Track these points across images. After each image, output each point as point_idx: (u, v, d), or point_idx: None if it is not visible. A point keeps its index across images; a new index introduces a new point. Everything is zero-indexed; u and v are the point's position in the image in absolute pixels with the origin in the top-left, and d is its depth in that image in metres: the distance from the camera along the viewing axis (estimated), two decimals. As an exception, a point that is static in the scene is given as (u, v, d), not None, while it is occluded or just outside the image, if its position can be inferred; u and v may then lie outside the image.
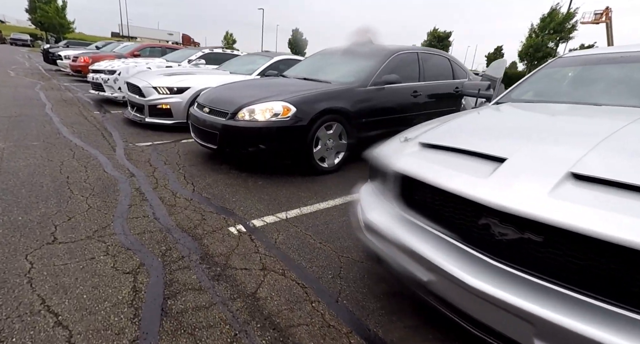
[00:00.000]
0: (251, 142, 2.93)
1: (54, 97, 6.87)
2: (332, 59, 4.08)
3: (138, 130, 4.71)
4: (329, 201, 2.65)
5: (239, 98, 3.11)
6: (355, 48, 3.95)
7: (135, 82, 4.88)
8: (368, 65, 3.55)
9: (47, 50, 15.71)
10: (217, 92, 3.45)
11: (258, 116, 2.89)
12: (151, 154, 3.62)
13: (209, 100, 3.33)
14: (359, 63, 3.71)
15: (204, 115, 3.21)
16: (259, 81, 3.84)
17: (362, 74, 3.46)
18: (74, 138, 4.00)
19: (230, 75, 5.29)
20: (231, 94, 3.31)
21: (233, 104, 3.03)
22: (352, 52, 3.92)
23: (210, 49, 7.59)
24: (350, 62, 3.80)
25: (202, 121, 3.20)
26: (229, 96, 3.25)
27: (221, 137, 3.01)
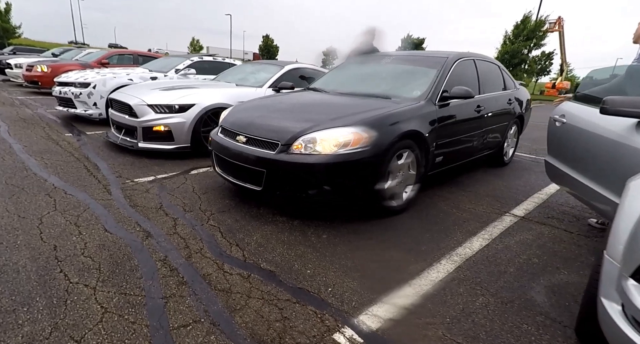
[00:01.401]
0: (313, 182, 2.21)
1: (9, 116, 5.65)
2: (375, 67, 3.44)
3: (129, 158, 3.79)
4: (436, 266, 1.91)
5: (289, 123, 2.38)
6: (404, 54, 3.37)
7: (123, 99, 3.96)
8: (428, 75, 2.95)
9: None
10: (250, 115, 2.68)
11: (321, 147, 2.18)
12: (160, 196, 2.77)
13: (241, 125, 2.56)
14: (414, 73, 3.10)
15: (238, 146, 2.44)
16: (294, 98, 3.11)
17: (425, 86, 2.86)
18: (48, 175, 3.04)
19: (237, 88, 4.51)
20: (273, 117, 2.56)
21: (283, 131, 2.30)
22: (401, 60, 3.32)
23: (200, 56, 6.71)
24: (402, 72, 3.19)
25: (235, 153, 2.43)
26: (272, 119, 2.50)
27: (270, 176, 2.26)
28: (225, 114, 2.96)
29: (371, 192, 2.35)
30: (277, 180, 2.26)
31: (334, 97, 2.99)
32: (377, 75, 3.31)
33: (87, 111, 5.35)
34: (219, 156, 2.66)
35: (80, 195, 2.67)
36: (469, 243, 2.17)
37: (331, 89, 3.28)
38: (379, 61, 3.47)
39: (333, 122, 2.30)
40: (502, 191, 3.30)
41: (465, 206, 2.86)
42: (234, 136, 2.55)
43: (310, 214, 2.56)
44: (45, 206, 2.41)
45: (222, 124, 2.77)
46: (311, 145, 2.19)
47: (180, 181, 3.18)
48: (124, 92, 4.13)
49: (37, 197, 2.56)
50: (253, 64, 5.65)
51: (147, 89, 4.10)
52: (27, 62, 10.10)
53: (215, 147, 2.72)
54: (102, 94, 5.33)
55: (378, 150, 2.27)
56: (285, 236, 2.20)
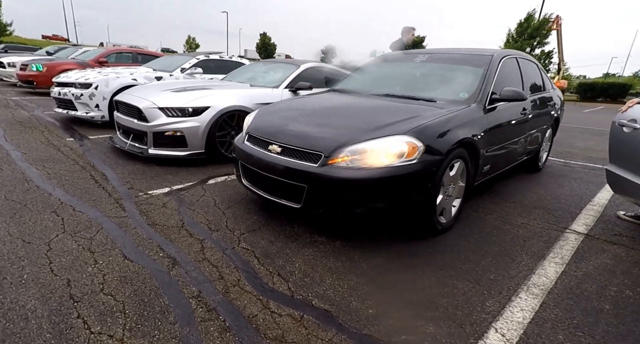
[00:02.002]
0: (362, 200, 1.94)
1: (4, 119, 5.31)
2: (409, 66, 3.16)
3: (139, 166, 3.48)
4: (517, 302, 1.63)
5: (330, 131, 2.09)
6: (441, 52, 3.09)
7: (131, 102, 3.65)
8: (474, 75, 2.68)
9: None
10: (282, 121, 2.39)
11: (371, 159, 1.90)
12: (180, 212, 2.48)
13: (273, 133, 2.27)
14: (456, 72, 2.82)
15: (271, 156, 2.16)
16: (326, 101, 2.80)
17: (472, 88, 2.59)
18: (53, 188, 2.74)
19: (252, 89, 4.21)
20: (309, 124, 2.27)
21: (326, 141, 2.01)
22: (439, 58, 3.04)
23: (206, 54, 6.38)
24: (442, 71, 2.90)
25: (269, 165, 2.14)
26: (309, 127, 2.21)
27: (311, 193, 1.98)
28: (250, 119, 2.66)
29: (425, 209, 2.08)
30: (320, 197, 1.98)
31: (370, 100, 2.71)
32: (413, 75, 3.03)
33: (89, 113, 5.02)
34: (247, 167, 2.37)
35: (90, 212, 2.37)
36: (542, 270, 1.91)
37: (362, 90, 3.00)
38: (412, 59, 3.19)
39: (381, 130, 2.02)
40: (549, 201, 3.05)
41: (517, 220, 2.60)
42: (265, 144, 2.26)
43: (349, 231, 2.29)
44: (53, 227, 2.12)
45: (249, 130, 2.48)
46: (359, 157, 1.91)
47: (199, 192, 2.89)
48: (131, 94, 3.82)
49: (42, 215, 2.26)
50: (265, 63, 5.34)
51: (157, 91, 3.79)
52: (20, 61, 9.68)
53: (241, 156, 2.43)
54: (105, 95, 5.00)
55: (434, 161, 2.00)
56: (330, 262, 1.93)
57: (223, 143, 3.77)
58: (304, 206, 2.03)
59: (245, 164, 2.39)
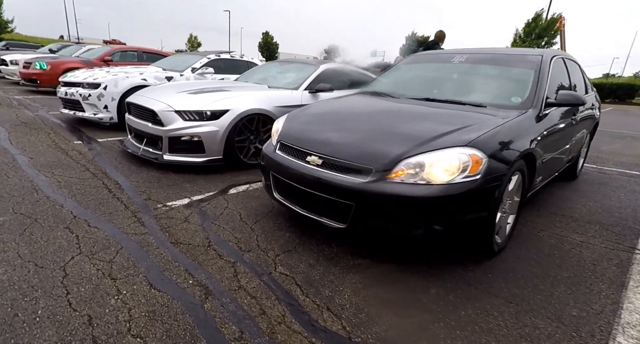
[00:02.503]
0: (421, 220, 1.71)
1: (8, 119, 5.08)
2: (446, 68, 2.91)
3: (154, 173, 3.26)
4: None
5: (379, 141, 1.85)
6: (480, 52, 2.85)
7: (145, 104, 3.42)
8: (525, 77, 2.43)
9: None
10: (321, 128, 2.15)
11: (431, 174, 1.67)
12: (204, 227, 2.26)
13: (311, 142, 2.04)
14: (503, 74, 2.56)
15: (310, 169, 1.93)
16: (363, 106, 2.54)
17: (525, 91, 2.35)
18: (64, 199, 2.51)
19: (271, 90, 3.98)
20: (353, 132, 2.02)
21: (377, 153, 1.77)
22: (480, 58, 2.79)
23: (217, 54, 6.15)
24: (487, 73, 2.65)
25: (307, 178, 1.91)
26: (353, 136, 1.97)
27: (360, 212, 1.75)
28: (280, 125, 2.43)
29: (485, 229, 1.86)
30: (371, 217, 1.75)
31: (412, 105, 2.47)
32: (453, 77, 2.80)
33: (97, 114, 4.80)
34: (280, 179, 2.14)
35: (107, 227, 2.15)
36: (629, 303, 1.67)
37: (398, 93, 2.76)
38: (449, 60, 2.96)
39: (438, 141, 1.78)
40: (601, 214, 2.82)
41: (574, 238, 2.37)
42: (303, 155, 2.03)
43: (393, 252, 2.06)
44: (67, 247, 1.89)
45: (281, 138, 2.25)
46: (417, 171, 1.68)
47: (221, 204, 2.66)
48: (145, 96, 3.59)
49: (54, 232, 2.04)
50: (281, 63, 5.11)
51: (173, 92, 3.56)
52: (23, 59, 9.47)
53: (273, 167, 2.20)
54: (114, 95, 4.77)
55: (497, 176, 1.77)
56: (383, 292, 1.70)
57: (242, 148, 3.54)
58: (350, 227, 1.80)
59: (278, 176, 2.16)
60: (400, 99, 2.62)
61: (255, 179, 3.30)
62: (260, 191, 3.01)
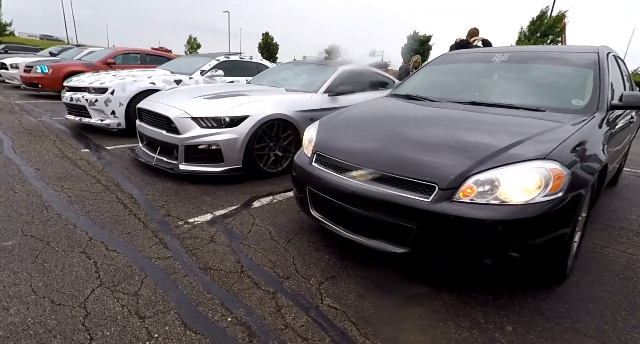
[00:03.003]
0: (495, 247, 1.49)
1: (10, 126, 4.87)
2: (486, 67, 2.67)
3: (169, 184, 3.04)
4: None
5: (438, 153, 1.63)
6: (524, 50, 2.64)
7: (159, 110, 3.20)
8: (583, 77, 2.21)
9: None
10: (361, 137, 1.94)
11: (507, 192, 1.46)
12: (233, 248, 2.04)
13: (353, 152, 1.82)
14: (556, 73, 2.33)
15: (356, 184, 1.71)
16: (405, 111, 2.31)
17: (587, 93, 2.13)
18: (77, 217, 2.29)
19: (288, 94, 3.77)
20: (401, 140, 1.81)
21: (438, 166, 1.54)
22: (525, 57, 2.56)
23: (226, 55, 5.93)
24: (536, 73, 2.41)
25: (354, 195, 1.68)
26: (404, 146, 1.75)
27: (423, 236, 1.53)
28: (313, 134, 2.21)
29: (561, 252, 1.64)
30: (435, 242, 1.53)
31: (460, 111, 2.22)
32: (495, 78, 2.58)
33: (104, 120, 4.58)
34: (319, 195, 1.92)
35: (127, 251, 1.93)
36: None
37: (436, 96, 2.54)
38: (488, 59, 2.74)
39: (509, 153, 1.56)
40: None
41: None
42: (346, 168, 1.81)
43: (449, 278, 1.85)
44: (86, 277, 1.68)
45: (318, 150, 2.02)
46: (489, 189, 1.47)
47: (247, 220, 2.44)
48: (158, 102, 3.37)
49: (70, 258, 1.82)
50: (296, 64, 4.88)
51: (188, 98, 3.34)
52: (24, 62, 9.26)
53: (310, 181, 1.98)
54: (122, 100, 4.56)
55: (580, 193, 1.55)
56: (453, 330, 1.48)
57: (261, 157, 3.33)
58: (410, 252, 1.59)
59: (315, 191, 1.94)
60: (441, 103, 2.40)
61: (278, 190, 3.09)
62: (285, 203, 2.80)
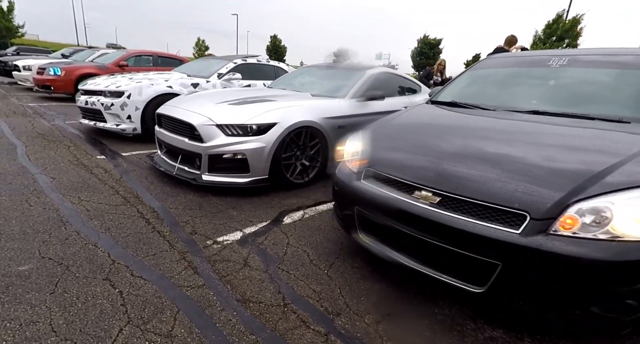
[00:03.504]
0: (605, 292, 1.22)
1: (23, 129, 4.73)
2: (545, 72, 2.42)
3: (192, 196, 2.84)
4: None
5: (524, 174, 1.39)
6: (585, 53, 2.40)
7: (180, 116, 3.01)
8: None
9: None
10: (424, 151, 1.73)
11: (623, 226, 1.20)
12: (271, 274, 1.83)
13: (416, 169, 1.59)
14: (632, 79, 2.12)
15: (422, 209, 1.47)
16: (462, 121, 2.08)
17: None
18: (97, 234, 2.10)
19: (315, 99, 3.55)
20: (472, 156, 1.57)
21: (532, 192, 1.31)
22: (589, 61, 2.31)
23: (243, 58, 5.76)
24: (609, 79, 2.17)
25: (422, 220, 1.45)
26: (478, 164, 1.51)
27: (509, 275, 1.29)
28: (359, 145, 1.99)
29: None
30: (525, 283, 1.30)
31: (527, 122, 1.95)
32: (555, 84, 2.34)
33: (120, 125, 4.42)
34: (370, 217, 1.70)
35: (154, 277, 1.73)
36: None
37: (490, 104, 2.30)
38: (543, 63, 2.49)
39: (614, 176, 1.30)
40: None
41: None
42: (406, 188, 1.58)
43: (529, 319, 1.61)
44: (112, 313, 1.47)
45: (368, 164, 1.80)
46: (597, 221, 1.23)
47: (280, 239, 2.23)
48: (180, 107, 3.18)
49: (92, 287, 1.63)
50: (320, 67, 4.67)
51: (211, 103, 3.15)
52: (37, 64, 9.21)
53: (358, 200, 1.76)
54: (138, 104, 4.39)
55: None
56: (543, 384, 1.26)
57: (288, 166, 3.12)
58: (490, 293, 1.35)
59: (366, 212, 1.72)
60: (498, 112, 2.16)
61: (307, 203, 2.88)
62: (318, 219, 2.58)
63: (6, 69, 12.32)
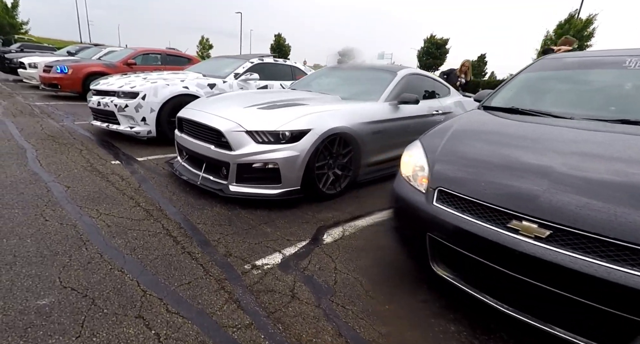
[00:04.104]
0: None
1: (32, 131, 4.51)
2: (621, 76, 2.17)
3: (218, 208, 2.59)
4: None
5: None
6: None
7: (206, 121, 2.77)
8: None
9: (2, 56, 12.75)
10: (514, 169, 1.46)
11: None
12: (324, 308, 1.58)
13: (509, 194, 1.35)
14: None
15: (525, 244, 1.23)
16: (534, 130, 1.79)
17: None
18: (122, 256, 1.86)
19: (345, 103, 3.30)
20: (593, 176, 1.31)
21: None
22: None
23: (260, 58, 5.51)
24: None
25: (522, 258, 1.21)
26: (607, 189, 1.24)
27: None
28: (422, 158, 1.74)
29: None
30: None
31: (630, 136, 1.71)
32: (632, 87, 2.09)
33: (134, 128, 4.18)
34: (450, 247, 1.46)
35: (193, 314, 1.49)
36: None
37: (562, 112, 2.04)
38: (619, 64, 2.21)
39: None
40: None
41: None
42: (499, 217, 1.34)
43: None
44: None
45: (442, 185, 1.54)
46: None
47: (326, 263, 1.99)
48: (204, 111, 2.93)
49: (124, 328, 1.39)
50: (343, 68, 4.41)
51: (238, 107, 2.90)
52: (43, 62, 9.00)
53: (431, 226, 1.50)
54: (153, 106, 4.15)
55: None
56: None
57: (320, 176, 2.88)
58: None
59: (443, 241, 1.47)
60: (578, 121, 1.89)
61: (343, 217, 2.64)
62: (360, 237, 2.34)
63: (11, 67, 12.11)
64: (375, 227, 2.49)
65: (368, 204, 2.94)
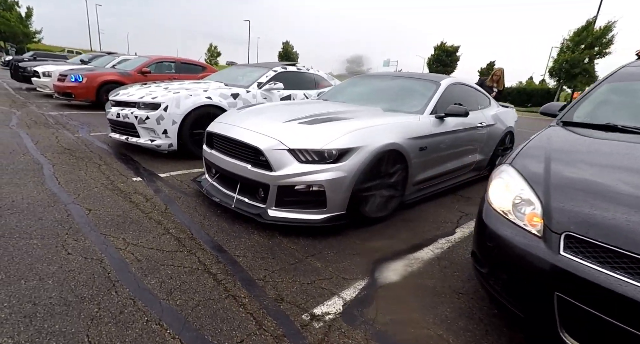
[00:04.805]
0: None
1: (49, 144, 4.28)
2: None
3: (255, 236, 2.30)
4: None
5: None
6: None
7: (242, 138, 2.48)
8: None
9: (16, 65, 12.75)
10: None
11: None
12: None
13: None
14: None
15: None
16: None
17: None
18: (158, 303, 1.56)
19: (390, 116, 3.00)
20: None
21: None
22: None
23: (283, 66, 5.27)
24: None
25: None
26: None
27: None
28: (525, 188, 1.42)
29: None
30: None
31: None
32: None
33: (155, 141, 3.93)
34: (589, 313, 1.14)
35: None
36: None
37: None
38: None
39: None
40: None
41: None
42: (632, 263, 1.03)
43: None
44: None
45: (578, 230, 1.22)
46: None
47: (399, 313, 1.67)
48: (238, 125, 2.65)
49: None
50: (375, 77, 4.13)
51: (277, 122, 2.62)
52: (57, 70, 8.91)
53: (564, 284, 1.17)
54: (175, 118, 3.91)
55: None
56: None
57: (368, 198, 2.58)
58: None
59: (582, 306, 1.15)
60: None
61: (400, 246, 2.32)
62: (429, 275, 2.01)
63: (24, 75, 12.10)
64: (442, 262, 2.17)
65: (423, 230, 2.62)
